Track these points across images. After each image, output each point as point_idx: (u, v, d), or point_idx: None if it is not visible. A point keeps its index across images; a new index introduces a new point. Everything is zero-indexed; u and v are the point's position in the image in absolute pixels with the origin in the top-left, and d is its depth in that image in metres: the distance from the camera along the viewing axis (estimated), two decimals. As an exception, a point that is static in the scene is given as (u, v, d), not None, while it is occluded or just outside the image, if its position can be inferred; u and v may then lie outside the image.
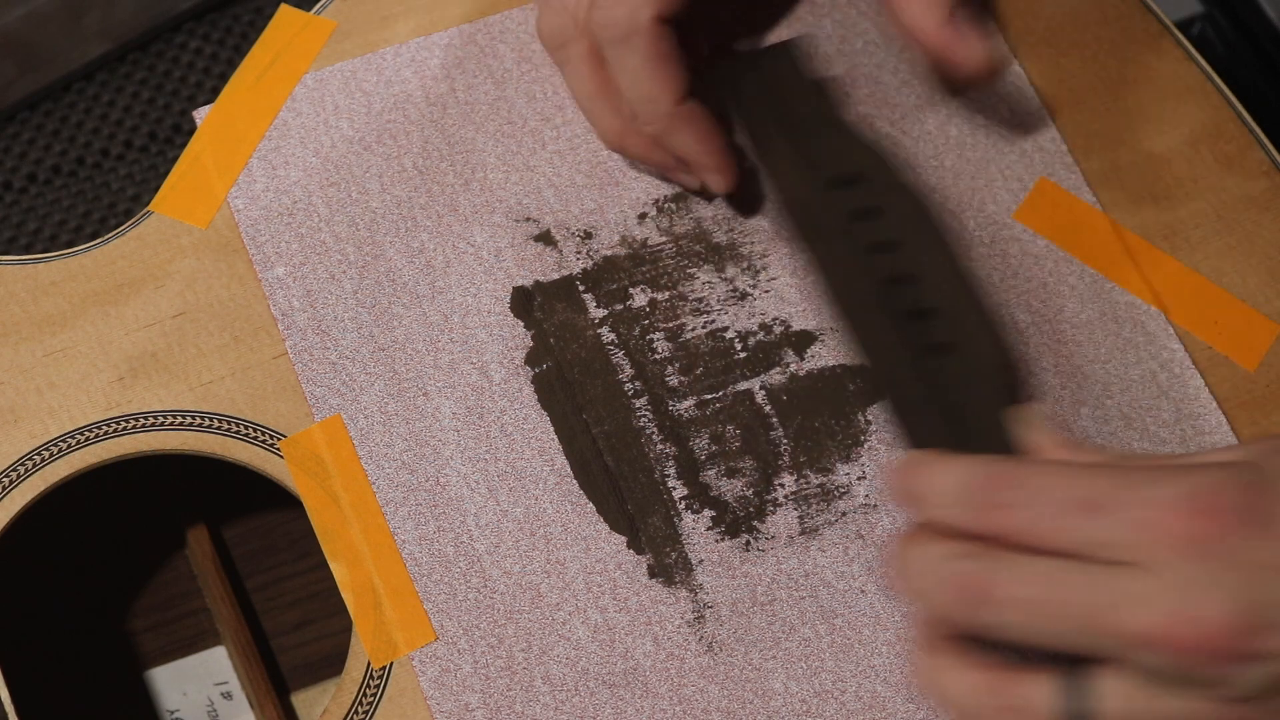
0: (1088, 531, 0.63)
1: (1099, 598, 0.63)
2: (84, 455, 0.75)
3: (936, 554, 0.64)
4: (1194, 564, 0.62)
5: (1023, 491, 0.64)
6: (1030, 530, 0.64)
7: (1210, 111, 0.82)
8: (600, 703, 0.72)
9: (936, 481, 0.66)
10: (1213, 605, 0.62)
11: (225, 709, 0.83)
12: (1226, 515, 0.63)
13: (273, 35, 0.83)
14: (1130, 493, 0.63)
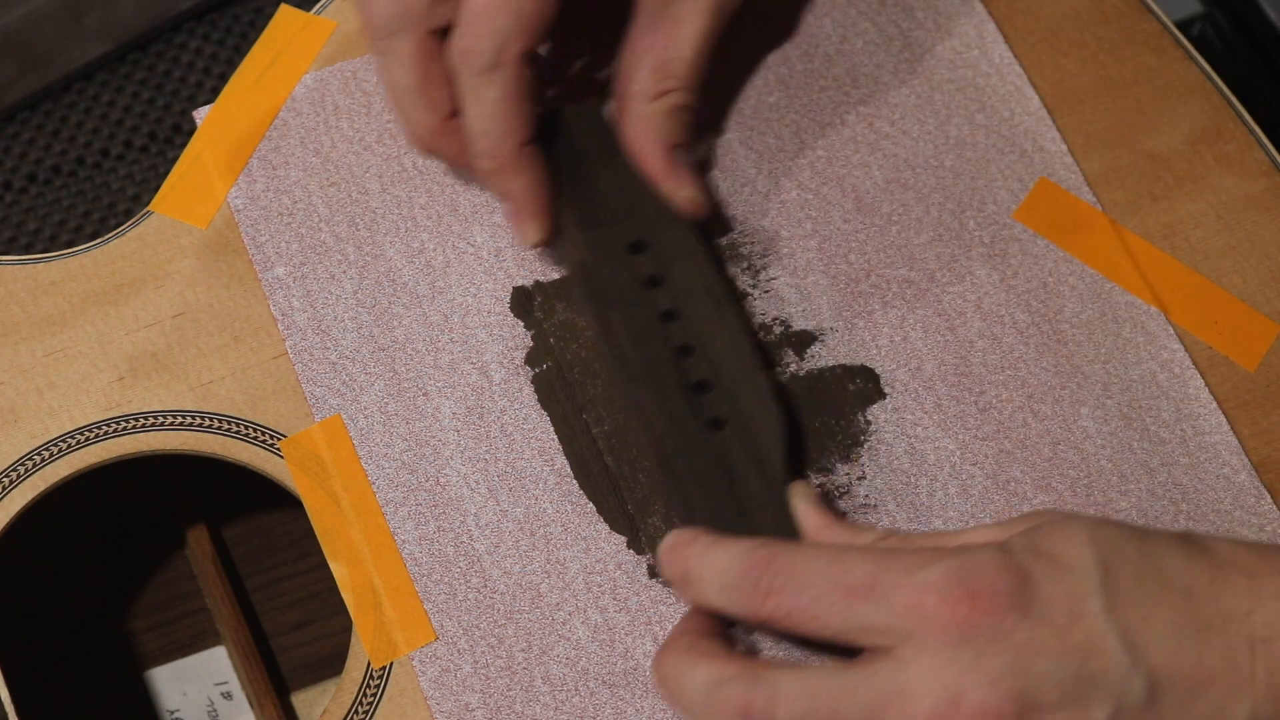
0: (855, 617, 0.65)
1: (868, 698, 0.64)
2: (84, 455, 0.75)
3: (704, 679, 0.66)
4: (957, 649, 0.64)
5: (791, 577, 0.66)
6: (799, 616, 0.66)
7: (1210, 111, 0.82)
8: (600, 703, 0.72)
9: (707, 566, 0.68)
10: (977, 693, 0.63)
11: (225, 709, 0.83)
12: (987, 598, 0.64)
13: (273, 35, 0.83)
14: (894, 577, 0.65)
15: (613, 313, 0.75)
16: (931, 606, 0.64)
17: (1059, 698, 0.63)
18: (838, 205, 0.80)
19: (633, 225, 0.77)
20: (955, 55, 0.83)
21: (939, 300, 0.79)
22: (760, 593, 0.66)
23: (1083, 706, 0.63)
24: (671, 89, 0.77)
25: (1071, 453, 0.76)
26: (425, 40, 0.75)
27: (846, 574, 0.65)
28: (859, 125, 0.82)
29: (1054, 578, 0.65)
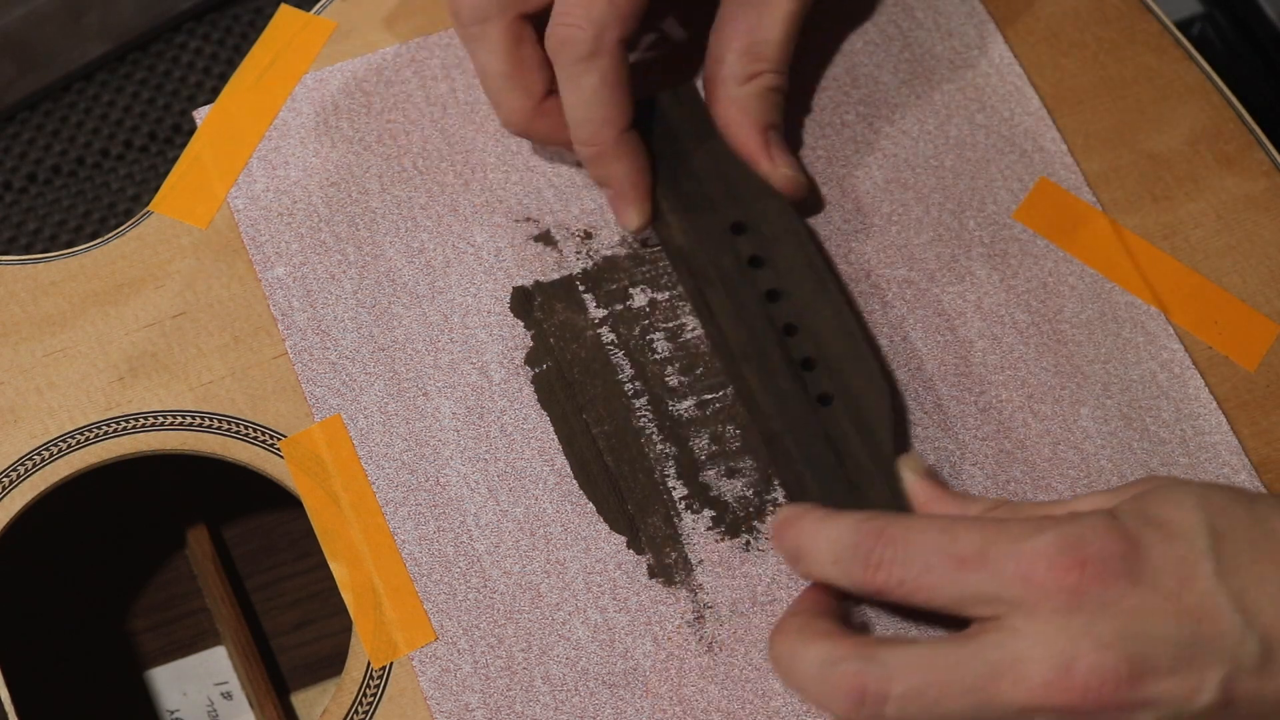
0: (966, 586, 0.66)
1: (982, 669, 0.64)
2: (84, 455, 0.75)
3: (818, 658, 0.67)
4: (1068, 616, 0.64)
5: (902, 549, 0.67)
6: (910, 587, 0.67)
7: (1210, 111, 0.82)
8: (600, 703, 0.72)
9: (819, 540, 0.69)
10: (1089, 657, 0.64)
11: (225, 709, 0.83)
12: (1097, 565, 0.65)
13: (273, 35, 0.83)
14: (1004, 546, 0.66)
15: (714, 294, 0.76)
16: (1042, 574, 0.64)
17: (1173, 661, 0.63)
18: (838, 205, 0.80)
19: (732, 207, 0.77)
20: (955, 55, 0.83)
21: (939, 300, 0.79)
22: (872, 565, 0.67)
23: (1197, 669, 0.64)
24: (762, 71, 0.77)
25: (1071, 453, 0.76)
26: (515, 24, 0.76)
27: (956, 544, 0.66)
28: (859, 125, 0.82)
29: (1164, 543, 0.65)
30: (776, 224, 0.76)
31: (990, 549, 0.66)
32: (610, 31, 0.74)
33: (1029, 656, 0.64)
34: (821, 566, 0.69)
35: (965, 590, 0.66)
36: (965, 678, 0.65)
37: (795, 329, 0.75)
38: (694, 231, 0.77)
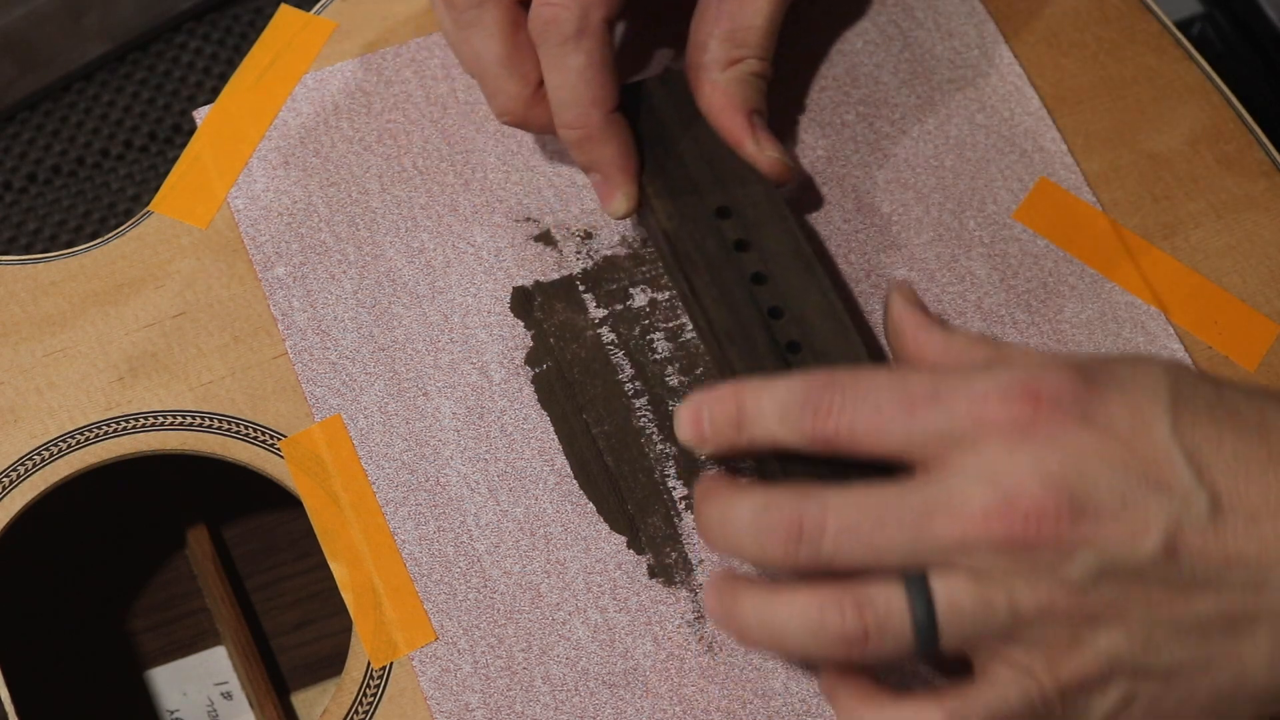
0: (916, 425, 0.64)
1: (920, 502, 0.63)
2: (84, 455, 0.75)
3: (752, 506, 0.65)
4: (1016, 448, 0.63)
5: (850, 394, 0.65)
6: (860, 431, 0.65)
7: (1210, 111, 0.82)
8: (600, 703, 0.72)
9: (764, 398, 0.67)
10: (1033, 490, 0.63)
11: (225, 709, 0.83)
12: (1050, 401, 0.63)
13: (273, 35, 0.83)
14: (956, 384, 0.64)
15: (699, 278, 0.75)
16: (993, 408, 0.63)
17: (1118, 504, 0.63)
18: (838, 205, 0.80)
19: (717, 191, 0.77)
20: (955, 55, 0.83)
21: (939, 300, 0.78)
22: (821, 413, 0.65)
23: (1142, 515, 0.63)
24: (744, 56, 0.77)
25: (1071, 453, 0.76)
26: (512, 8, 0.76)
27: (907, 386, 0.65)
28: (859, 125, 0.82)
29: (1122, 393, 0.64)
30: (762, 208, 0.76)
31: (942, 388, 0.64)
32: (595, 11, 0.74)
33: (970, 489, 0.63)
34: (766, 426, 0.66)
35: (914, 429, 0.64)
36: (903, 511, 0.63)
37: (781, 312, 0.75)
38: (679, 216, 0.77)
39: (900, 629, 0.64)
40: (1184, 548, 0.63)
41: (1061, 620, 0.63)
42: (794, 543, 0.64)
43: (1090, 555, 0.63)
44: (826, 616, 0.64)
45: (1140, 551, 0.63)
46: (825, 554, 0.64)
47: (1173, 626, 0.64)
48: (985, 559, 0.63)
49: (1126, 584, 0.63)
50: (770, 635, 0.66)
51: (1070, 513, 0.62)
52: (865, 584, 0.64)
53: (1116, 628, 0.63)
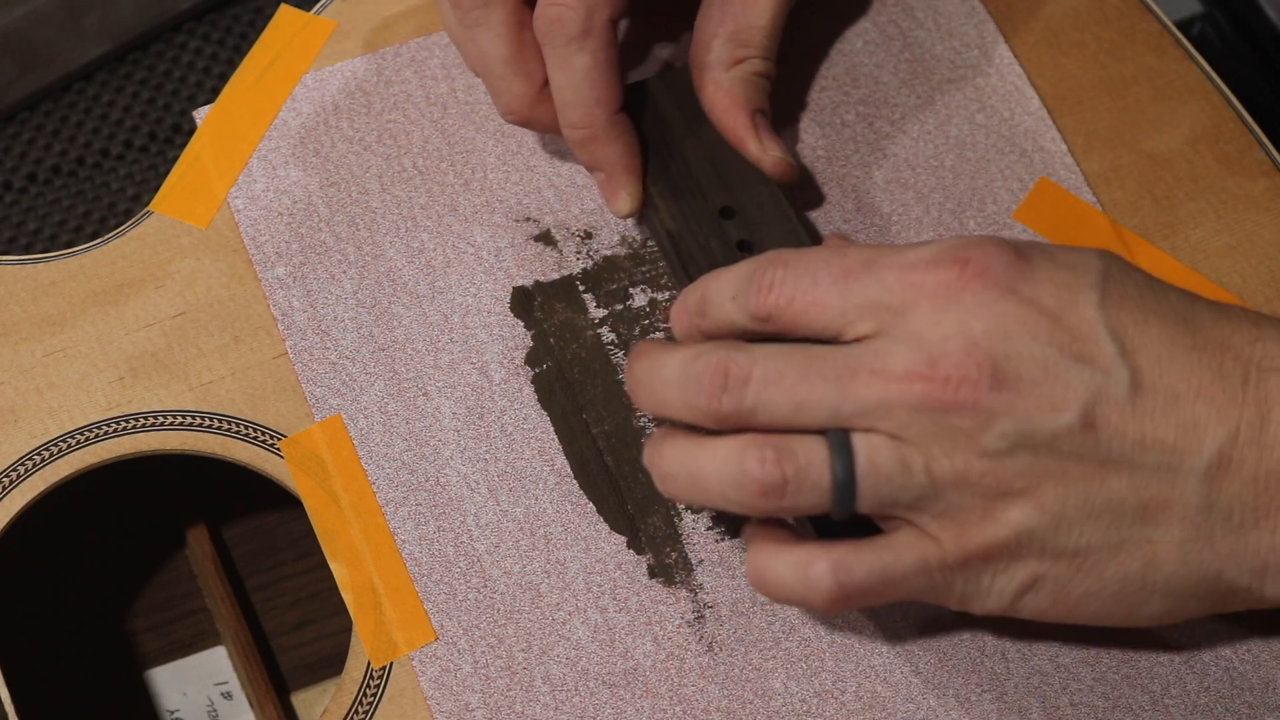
0: (851, 295, 0.66)
1: (846, 360, 0.65)
2: (84, 455, 0.75)
3: (681, 359, 0.67)
4: (942, 312, 0.64)
5: (789, 268, 0.67)
6: (799, 304, 0.66)
7: (1210, 111, 0.82)
8: (600, 703, 0.72)
9: (720, 281, 0.68)
10: (955, 353, 0.64)
11: (225, 709, 0.83)
12: (978, 265, 0.65)
13: (273, 35, 0.83)
14: (889, 257, 0.66)
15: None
16: (921, 274, 0.65)
17: (1040, 373, 0.63)
18: (838, 205, 0.80)
19: (721, 192, 0.77)
20: (955, 55, 0.83)
21: (939, 300, 0.78)
22: (764, 287, 0.67)
23: (1060, 386, 0.63)
24: (748, 56, 0.77)
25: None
26: (518, 7, 0.76)
27: (844, 259, 0.66)
28: (859, 125, 0.82)
29: (1053, 267, 0.65)
30: (766, 208, 0.76)
31: (877, 259, 0.66)
32: (601, 11, 0.74)
33: (895, 350, 0.64)
34: (722, 308, 0.68)
35: (849, 297, 0.65)
36: (828, 366, 0.65)
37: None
38: (682, 216, 0.77)
39: (819, 481, 0.65)
40: (1101, 422, 0.63)
41: (975, 490, 0.64)
42: (719, 390, 0.65)
43: (1008, 424, 0.63)
44: (747, 463, 0.65)
45: (1058, 422, 0.63)
46: (749, 403, 0.65)
47: (1085, 505, 0.64)
48: (906, 420, 0.64)
49: (1042, 456, 0.64)
50: (692, 482, 0.67)
51: (991, 379, 0.63)
52: (788, 437, 0.65)
53: (1029, 501, 0.64)
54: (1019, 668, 0.72)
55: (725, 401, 0.65)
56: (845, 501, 0.65)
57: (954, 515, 0.65)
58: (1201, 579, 0.65)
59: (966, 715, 0.71)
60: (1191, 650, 0.72)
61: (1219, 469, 0.64)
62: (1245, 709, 0.71)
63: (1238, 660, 0.72)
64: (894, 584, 0.66)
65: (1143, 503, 0.64)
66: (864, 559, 0.66)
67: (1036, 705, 0.71)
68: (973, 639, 0.72)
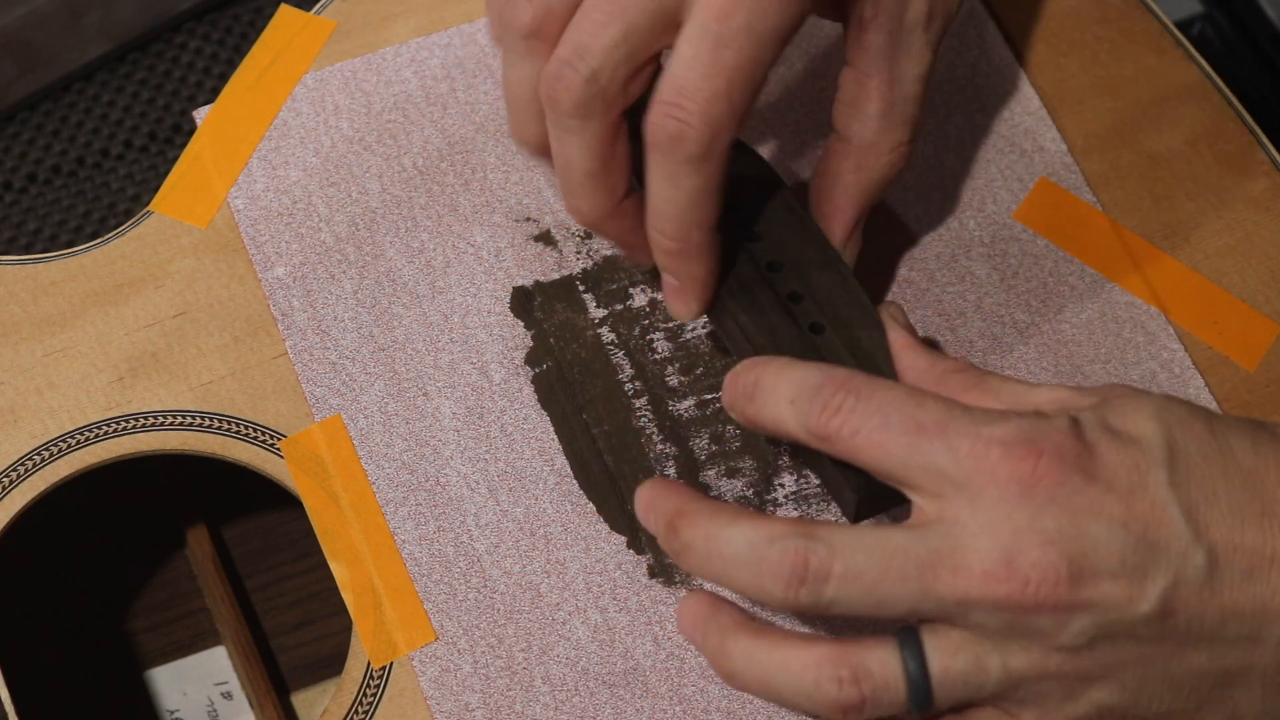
0: (919, 454, 0.64)
1: (924, 553, 0.63)
2: (84, 455, 0.75)
3: (750, 537, 0.65)
4: (1015, 506, 0.63)
5: (862, 400, 0.65)
6: (863, 440, 0.65)
7: (1210, 111, 0.82)
8: (600, 703, 0.72)
9: (783, 378, 0.66)
10: (1033, 551, 0.63)
11: (225, 709, 0.83)
12: (1051, 459, 0.63)
13: (273, 35, 0.83)
14: (965, 424, 0.64)
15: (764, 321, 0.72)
16: (995, 459, 0.63)
17: (1116, 565, 0.63)
18: (838, 205, 0.80)
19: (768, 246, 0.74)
20: (955, 55, 0.83)
21: (939, 300, 0.79)
22: (831, 408, 0.65)
23: (1140, 575, 0.63)
24: (904, 141, 0.74)
25: (1071, 453, 0.76)
26: (614, 124, 0.70)
27: (920, 410, 0.64)
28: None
29: (1120, 449, 0.64)
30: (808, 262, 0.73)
31: (951, 423, 0.64)
32: (725, 135, 0.68)
33: (972, 545, 0.63)
34: (776, 404, 0.66)
35: (916, 456, 0.64)
36: (907, 561, 0.63)
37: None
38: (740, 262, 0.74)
39: (895, 697, 0.64)
40: (1181, 607, 0.63)
41: (1054, 680, 0.64)
42: (797, 584, 0.64)
43: (1087, 619, 0.63)
44: (823, 684, 0.64)
45: (1137, 612, 0.63)
46: (827, 599, 0.64)
47: (1166, 679, 0.64)
48: (984, 617, 0.63)
49: (1121, 644, 0.64)
50: (761, 685, 0.66)
51: (1069, 576, 0.63)
52: (862, 649, 0.64)
53: (1109, 683, 0.64)
54: (1019, 668, 0.72)
55: (803, 594, 0.64)
56: (922, 708, 0.64)
57: (1034, 700, 0.65)
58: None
59: (966, 715, 0.71)
60: None
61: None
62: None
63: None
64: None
65: (1224, 670, 0.64)
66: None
67: (1036, 705, 0.71)
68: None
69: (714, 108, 0.67)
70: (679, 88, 0.67)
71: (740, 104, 0.68)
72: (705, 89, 0.67)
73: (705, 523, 0.66)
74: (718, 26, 0.67)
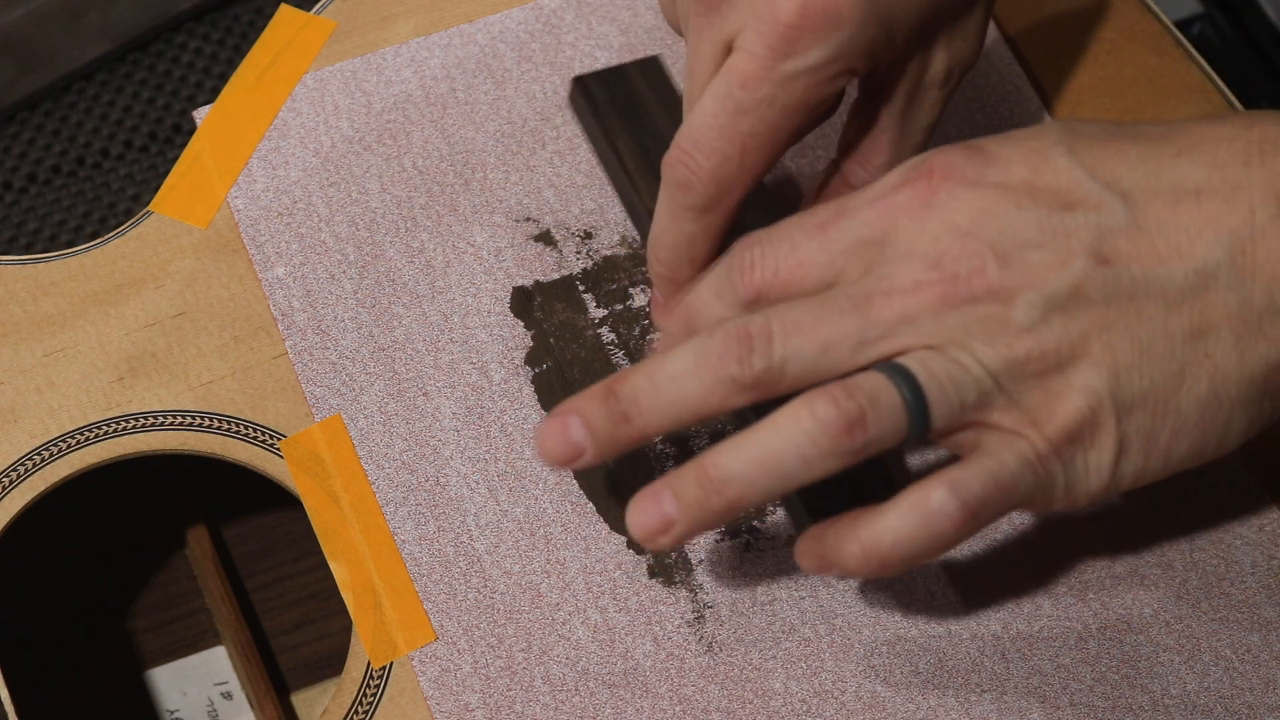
0: (830, 246, 0.65)
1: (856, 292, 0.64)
2: (84, 455, 0.75)
3: (689, 348, 0.65)
4: (923, 221, 0.64)
5: (766, 242, 0.66)
6: (786, 273, 0.66)
7: (1210, 111, 0.82)
8: (600, 703, 0.72)
9: (700, 288, 0.68)
10: (951, 247, 0.63)
11: (225, 709, 0.83)
12: (942, 169, 0.65)
13: (273, 35, 0.83)
14: (856, 198, 0.66)
15: None
16: (892, 197, 0.65)
17: (1036, 234, 0.63)
18: (838, 205, 0.80)
19: None
20: (955, 55, 0.83)
21: (939, 300, 0.78)
22: (746, 267, 0.66)
23: (1063, 236, 0.63)
24: None
25: (1071, 453, 0.76)
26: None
27: (815, 215, 0.66)
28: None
29: (1012, 143, 0.65)
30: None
31: (846, 205, 0.66)
32: (731, 195, 0.70)
33: (898, 268, 0.64)
34: (708, 306, 0.67)
35: (833, 247, 0.65)
36: (841, 301, 0.64)
37: None
38: None
39: (892, 403, 0.63)
40: (1113, 255, 0.63)
41: (1030, 370, 0.64)
42: (747, 354, 0.64)
43: (1030, 294, 0.63)
44: (819, 410, 0.63)
45: (1073, 271, 0.63)
46: (778, 356, 0.64)
47: (1135, 345, 0.64)
48: (933, 327, 0.63)
49: (1074, 312, 0.63)
50: (763, 468, 0.64)
51: (995, 258, 0.63)
52: (843, 380, 0.64)
53: (1083, 363, 0.64)
54: (1019, 668, 0.72)
55: (756, 361, 0.64)
56: (921, 416, 0.64)
57: (1023, 405, 0.64)
58: (1268, 372, 0.64)
59: (966, 715, 0.71)
60: (1191, 650, 0.72)
61: (1243, 257, 0.63)
62: (1245, 709, 0.71)
63: (1238, 660, 0.72)
64: (1008, 489, 0.64)
65: (1185, 320, 0.64)
66: (972, 473, 0.64)
67: (1036, 705, 0.71)
68: (973, 639, 0.72)
69: (723, 169, 0.69)
70: (695, 140, 0.69)
71: (752, 169, 0.69)
72: (718, 150, 0.69)
73: (640, 366, 0.66)
74: (740, 94, 0.68)
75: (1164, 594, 0.73)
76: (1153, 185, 0.64)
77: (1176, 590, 0.73)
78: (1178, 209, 0.64)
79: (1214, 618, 0.72)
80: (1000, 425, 0.64)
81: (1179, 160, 0.64)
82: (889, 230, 0.65)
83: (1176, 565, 0.73)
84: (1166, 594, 0.73)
